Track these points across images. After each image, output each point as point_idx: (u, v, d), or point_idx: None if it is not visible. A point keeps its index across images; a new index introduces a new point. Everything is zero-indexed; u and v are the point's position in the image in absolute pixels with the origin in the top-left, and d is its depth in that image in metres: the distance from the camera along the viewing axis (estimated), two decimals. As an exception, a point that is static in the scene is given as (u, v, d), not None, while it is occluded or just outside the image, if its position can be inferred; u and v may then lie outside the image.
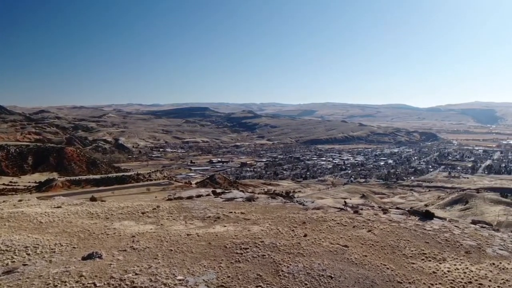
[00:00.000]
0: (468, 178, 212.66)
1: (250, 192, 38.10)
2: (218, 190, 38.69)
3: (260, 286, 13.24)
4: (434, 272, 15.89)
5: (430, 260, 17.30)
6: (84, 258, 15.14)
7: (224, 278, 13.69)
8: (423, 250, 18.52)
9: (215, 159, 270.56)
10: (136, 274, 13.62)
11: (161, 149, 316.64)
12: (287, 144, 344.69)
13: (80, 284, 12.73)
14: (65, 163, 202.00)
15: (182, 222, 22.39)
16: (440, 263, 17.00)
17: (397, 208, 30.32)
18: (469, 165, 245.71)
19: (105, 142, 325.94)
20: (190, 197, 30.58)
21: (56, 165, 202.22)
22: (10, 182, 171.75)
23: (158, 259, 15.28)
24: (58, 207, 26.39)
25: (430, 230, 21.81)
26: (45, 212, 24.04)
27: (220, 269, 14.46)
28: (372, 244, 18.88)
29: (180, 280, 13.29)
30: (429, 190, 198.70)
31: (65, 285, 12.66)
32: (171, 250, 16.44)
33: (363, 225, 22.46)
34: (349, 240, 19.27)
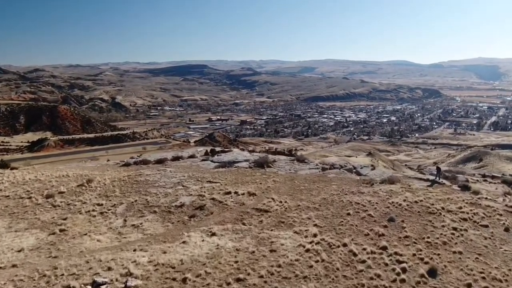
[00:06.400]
0: (474, 134, 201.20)
1: (259, 152, 25.06)
2: (218, 149, 26.33)
3: None
4: None
5: None
6: None
7: None
8: None
9: (214, 117, 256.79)
10: None
11: (159, 108, 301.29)
12: (287, 101, 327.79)
13: None
14: (59, 122, 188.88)
15: (116, 222, 9.57)
16: None
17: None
18: (474, 122, 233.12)
19: (102, 100, 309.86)
20: (161, 161, 17.67)
21: (49, 124, 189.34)
22: (2, 142, 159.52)
23: None
24: None
25: None
26: None
27: None
28: None
29: None
30: (435, 147, 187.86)
31: None
32: None
33: (525, 225, 9.71)
34: None
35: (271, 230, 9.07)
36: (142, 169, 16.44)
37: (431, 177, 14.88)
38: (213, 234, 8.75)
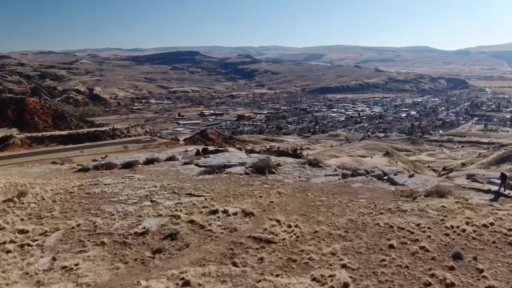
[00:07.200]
0: (507, 131, 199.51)
1: (258, 152, 22.75)
2: (211, 148, 24.40)
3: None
4: None
5: None
6: None
7: None
8: None
9: (207, 111, 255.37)
10: None
11: (143, 101, 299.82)
12: (291, 93, 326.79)
13: None
14: (27, 117, 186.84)
15: (39, 263, 7.18)
16: None
17: None
18: (508, 116, 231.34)
19: (78, 92, 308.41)
20: (129, 165, 15.39)
21: (15, 119, 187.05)
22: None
23: None
24: None
25: None
26: None
27: None
28: None
29: None
30: (462, 146, 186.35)
31: None
32: None
33: None
34: None
35: (277, 275, 6.70)
36: (103, 175, 14.06)
37: (493, 187, 12.53)
38: (187, 284, 6.37)
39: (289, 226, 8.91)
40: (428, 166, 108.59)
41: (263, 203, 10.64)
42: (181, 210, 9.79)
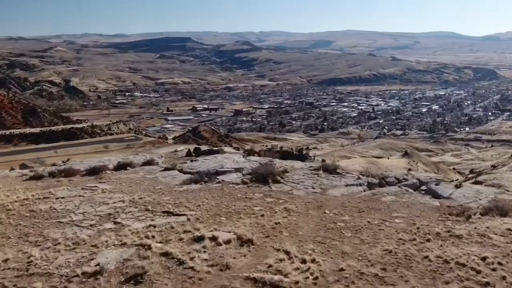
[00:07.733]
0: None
1: (258, 153, 21.11)
2: (204, 147, 23.11)
3: None
4: None
5: None
6: None
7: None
8: None
9: (200, 105, 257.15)
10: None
11: (127, 93, 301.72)
12: (296, 85, 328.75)
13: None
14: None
15: None
16: None
17: None
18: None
19: (52, 84, 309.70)
20: (95, 171, 13.81)
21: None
22: None
23: None
24: None
25: None
26: None
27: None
28: None
29: None
30: (492, 146, 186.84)
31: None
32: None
33: None
34: None
35: None
36: (58, 186, 12.41)
37: None
38: None
39: (303, 261, 7.22)
40: (453, 169, 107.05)
41: (266, 225, 8.96)
42: (153, 237, 8.11)
